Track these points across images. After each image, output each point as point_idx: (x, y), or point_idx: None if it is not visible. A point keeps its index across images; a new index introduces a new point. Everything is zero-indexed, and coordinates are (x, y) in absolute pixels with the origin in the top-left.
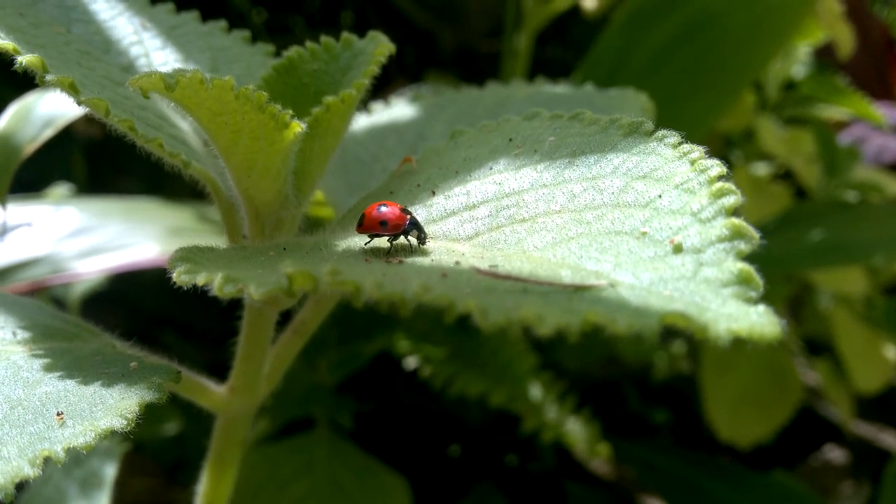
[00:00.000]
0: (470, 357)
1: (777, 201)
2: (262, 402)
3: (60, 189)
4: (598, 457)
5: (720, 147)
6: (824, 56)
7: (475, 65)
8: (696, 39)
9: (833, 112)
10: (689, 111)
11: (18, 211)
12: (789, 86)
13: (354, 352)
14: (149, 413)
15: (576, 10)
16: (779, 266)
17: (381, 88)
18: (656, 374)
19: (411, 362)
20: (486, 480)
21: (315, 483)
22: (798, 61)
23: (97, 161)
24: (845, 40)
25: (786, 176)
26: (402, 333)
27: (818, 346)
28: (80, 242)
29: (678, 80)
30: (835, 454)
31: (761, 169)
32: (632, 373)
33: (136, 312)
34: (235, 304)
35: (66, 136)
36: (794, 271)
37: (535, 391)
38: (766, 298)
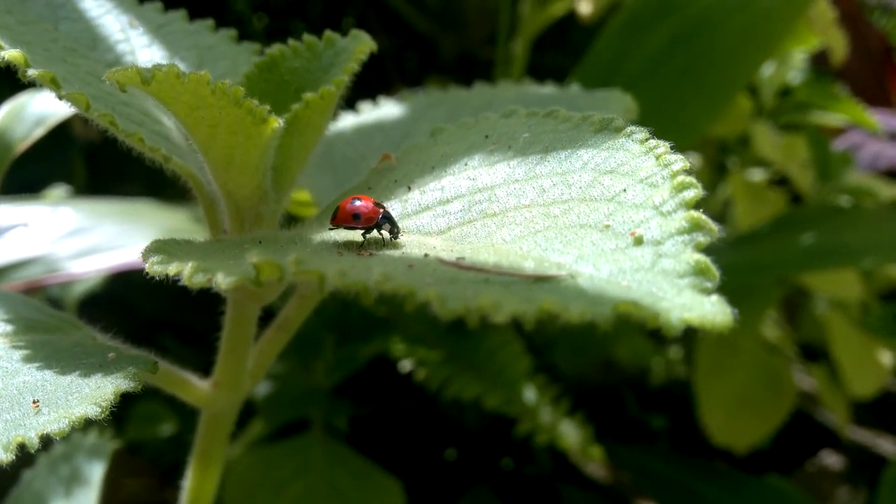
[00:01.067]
0: (466, 360)
1: (772, 206)
2: (246, 399)
3: (57, 191)
4: (590, 459)
5: (716, 153)
6: (821, 63)
7: (475, 71)
8: (690, 45)
9: (829, 118)
10: (683, 116)
11: (15, 211)
12: (785, 92)
13: (350, 355)
14: (144, 415)
15: (574, 17)
16: (771, 270)
17: (382, 93)
18: (653, 379)
19: (407, 365)
20: (482, 483)
21: (310, 485)
22: (794, 68)
23: (96, 164)
24: (838, 46)
25: (782, 182)
26: (399, 336)
27: (815, 352)
28: (75, 243)
29: (672, 85)
30: (831, 460)
31: (757, 175)
32: (629, 377)
33: (134, 315)
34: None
35: (66, 140)
36: (786, 275)
37: (530, 394)
38: (759, 301)
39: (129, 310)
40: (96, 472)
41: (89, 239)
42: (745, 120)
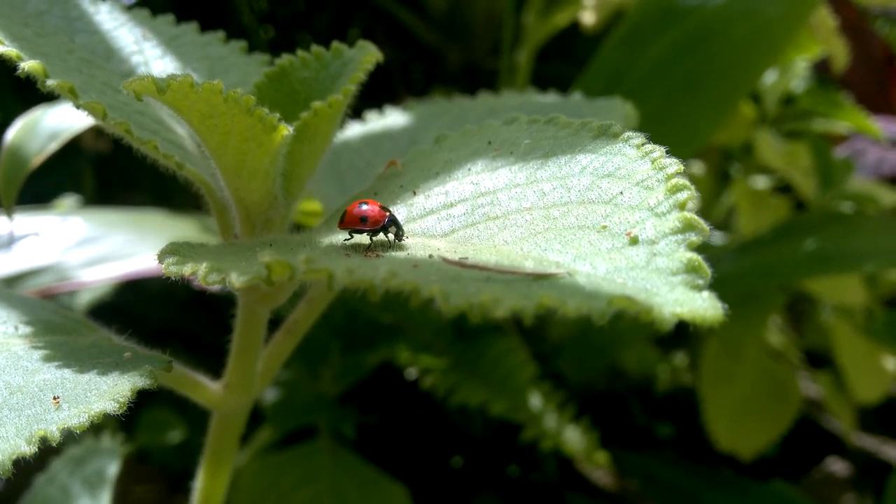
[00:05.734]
0: (471, 367)
1: (776, 213)
2: (254, 406)
3: (67, 201)
4: (596, 465)
5: (719, 161)
6: (824, 71)
7: (480, 81)
8: (692, 54)
9: (832, 126)
10: (686, 124)
11: (26, 221)
12: (788, 100)
13: (357, 362)
14: (152, 422)
15: (578, 28)
16: (774, 275)
17: (388, 104)
18: (659, 387)
19: (413, 373)
20: (488, 490)
21: (317, 492)
22: (797, 76)
23: (105, 176)
24: (840, 54)
25: (785, 189)
26: (405, 344)
27: (820, 359)
28: (85, 252)
29: (675, 94)
30: (837, 466)
31: (760, 182)
32: (634, 385)
33: (143, 324)
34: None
35: (76, 151)
36: (789, 280)
37: (536, 401)
38: (763, 307)
39: (137, 318)
40: (110, 471)
41: (99, 248)
42: (748, 128)
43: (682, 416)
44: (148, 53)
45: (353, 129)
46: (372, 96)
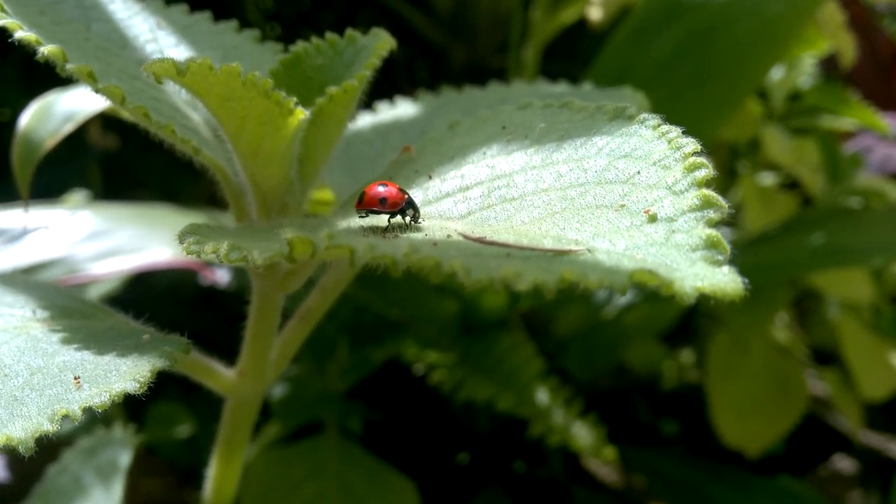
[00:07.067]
0: (478, 363)
1: (783, 210)
2: (263, 400)
3: (76, 195)
4: (603, 460)
5: (727, 157)
6: (831, 68)
7: (485, 79)
8: (697, 50)
9: (839, 122)
10: (692, 120)
11: (36, 215)
12: (795, 96)
13: (364, 358)
14: (161, 416)
15: (584, 26)
16: (780, 270)
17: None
18: (665, 384)
19: (420, 368)
20: (494, 485)
21: (325, 485)
22: (804, 72)
23: (113, 173)
24: (847, 50)
25: (793, 185)
26: (411, 340)
27: (827, 356)
28: (94, 246)
29: (681, 90)
30: (844, 464)
31: (768, 178)
32: (640, 382)
33: (150, 321)
34: (245, 313)
35: (83, 148)
36: (795, 275)
37: (542, 396)
38: (770, 303)
39: (145, 315)
40: (123, 462)
41: (108, 242)
42: (755, 124)
43: (689, 414)
44: (163, 42)
45: (364, 120)
46: (379, 94)
